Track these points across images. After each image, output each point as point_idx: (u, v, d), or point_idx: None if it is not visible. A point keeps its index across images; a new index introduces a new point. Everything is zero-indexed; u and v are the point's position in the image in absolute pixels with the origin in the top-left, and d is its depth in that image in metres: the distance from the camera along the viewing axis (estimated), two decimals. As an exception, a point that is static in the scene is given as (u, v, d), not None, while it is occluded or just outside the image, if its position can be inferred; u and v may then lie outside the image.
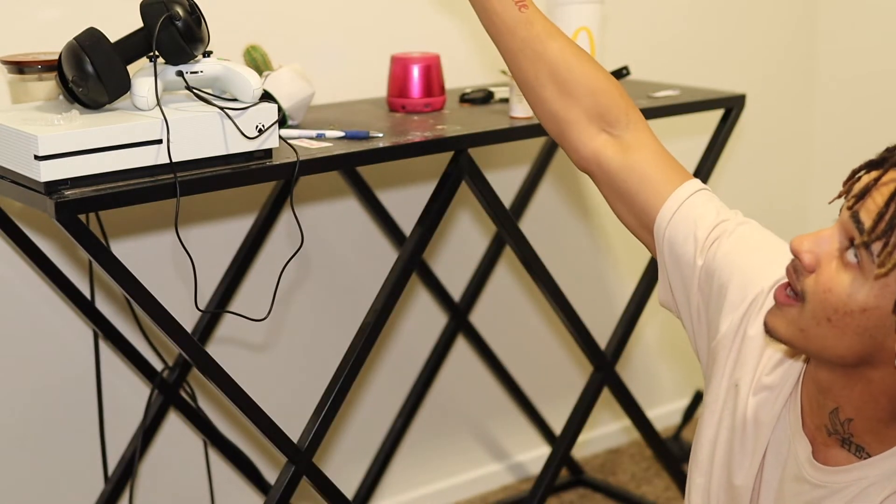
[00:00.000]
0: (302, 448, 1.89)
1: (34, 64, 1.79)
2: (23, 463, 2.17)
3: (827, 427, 1.31)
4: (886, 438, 1.27)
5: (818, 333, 1.23)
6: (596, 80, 1.53)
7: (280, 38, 2.21)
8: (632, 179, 1.49)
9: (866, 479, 1.27)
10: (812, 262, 1.23)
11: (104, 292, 2.16)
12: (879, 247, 1.18)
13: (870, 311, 1.20)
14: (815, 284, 1.23)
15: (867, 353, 1.22)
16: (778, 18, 3.12)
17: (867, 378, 1.25)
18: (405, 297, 2.55)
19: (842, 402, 1.28)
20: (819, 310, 1.22)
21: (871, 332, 1.21)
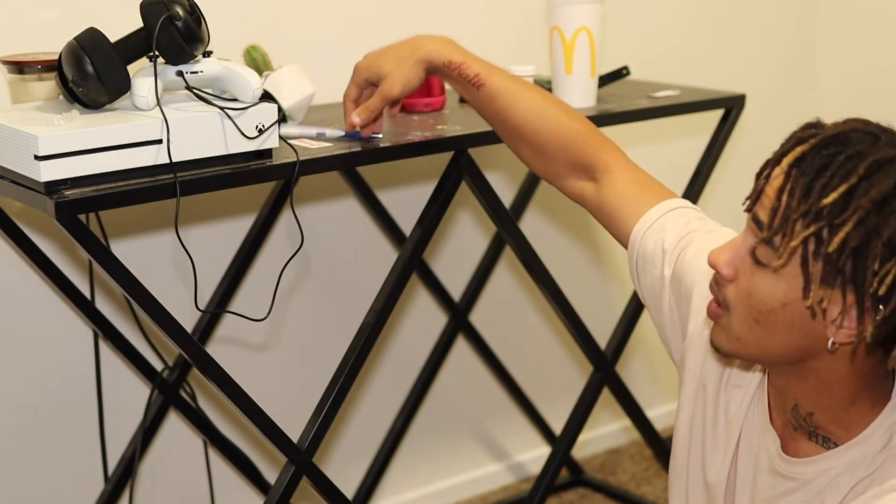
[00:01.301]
0: (302, 448, 1.89)
1: (34, 64, 1.79)
2: (23, 463, 2.17)
3: (791, 422, 1.33)
4: (850, 425, 1.29)
5: (753, 338, 1.27)
6: (562, 135, 1.65)
7: (280, 38, 2.21)
8: (613, 208, 1.61)
9: (834, 469, 1.29)
10: (731, 272, 1.27)
11: (104, 292, 2.16)
12: (779, 240, 1.22)
13: (790, 304, 1.23)
14: (735, 291, 1.27)
15: (805, 346, 1.25)
16: (778, 19, 3.12)
17: (815, 370, 1.27)
18: (405, 297, 2.55)
19: (799, 398, 1.31)
20: (745, 314, 1.26)
21: (798, 324, 1.24)
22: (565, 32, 2.12)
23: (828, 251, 1.19)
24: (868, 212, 1.18)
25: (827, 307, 1.21)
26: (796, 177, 1.22)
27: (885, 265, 1.18)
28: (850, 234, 1.18)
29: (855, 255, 1.18)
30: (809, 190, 1.20)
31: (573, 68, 2.13)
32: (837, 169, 1.20)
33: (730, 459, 1.41)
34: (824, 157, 1.21)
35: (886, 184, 1.19)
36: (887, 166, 1.20)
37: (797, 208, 1.21)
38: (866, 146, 1.21)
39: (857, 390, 1.28)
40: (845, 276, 1.19)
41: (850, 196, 1.18)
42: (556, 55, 2.15)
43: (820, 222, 1.19)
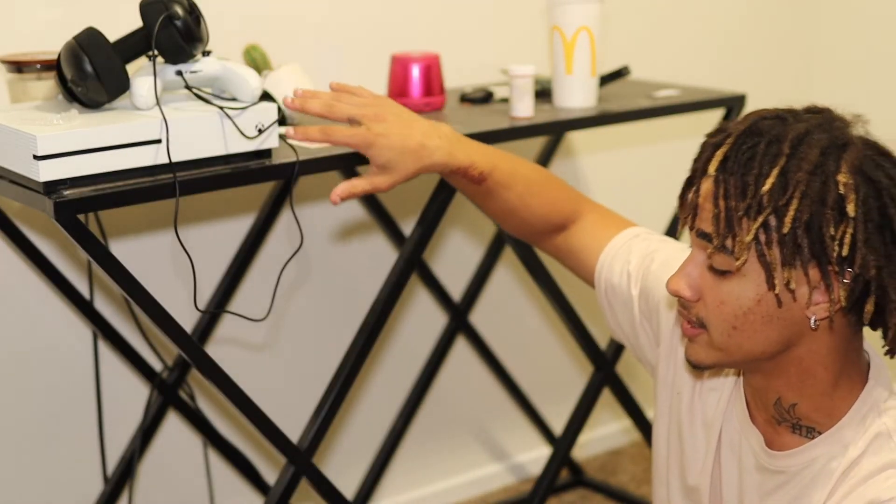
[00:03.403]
0: (302, 448, 1.88)
1: (33, 63, 1.79)
2: (22, 463, 2.16)
3: (775, 417, 1.34)
4: (833, 410, 1.30)
5: (735, 343, 1.28)
6: (552, 207, 1.65)
7: (280, 38, 2.21)
8: (580, 248, 1.64)
9: (821, 457, 1.30)
10: (693, 293, 1.29)
11: (103, 292, 2.16)
12: (731, 242, 1.23)
13: (762, 299, 1.24)
14: (706, 308, 1.28)
15: (785, 336, 1.26)
16: (778, 19, 3.11)
17: (796, 359, 1.28)
18: (405, 297, 2.55)
19: (781, 391, 1.31)
20: (723, 325, 1.27)
21: (775, 316, 1.25)
22: (566, 32, 2.12)
23: (782, 233, 1.21)
24: (807, 183, 1.20)
25: (796, 288, 1.23)
26: (726, 178, 1.24)
27: (840, 227, 1.20)
28: (798, 209, 1.20)
29: (809, 228, 1.21)
30: (745, 185, 1.22)
31: (573, 68, 2.13)
32: (763, 157, 1.23)
33: (711, 462, 1.42)
34: (746, 151, 1.24)
35: (814, 153, 1.22)
36: (807, 137, 1.24)
37: (738, 206, 1.23)
38: (780, 129, 1.25)
39: (839, 370, 1.29)
40: (805, 252, 1.21)
41: (784, 176, 1.21)
42: (557, 55, 2.15)
43: (765, 210, 1.21)
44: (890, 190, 1.24)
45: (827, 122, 1.29)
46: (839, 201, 1.20)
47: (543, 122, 2.08)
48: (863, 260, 1.21)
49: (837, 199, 1.20)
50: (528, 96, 2.07)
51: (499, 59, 2.44)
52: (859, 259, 1.21)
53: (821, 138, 1.24)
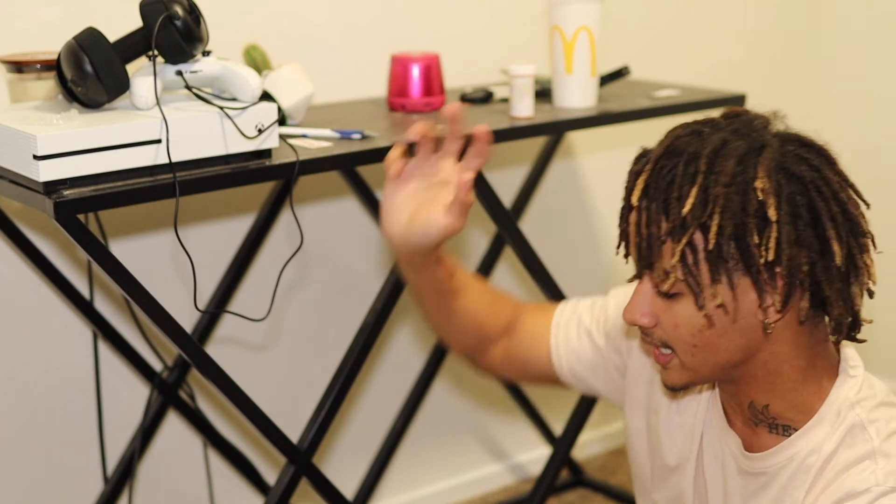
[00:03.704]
0: (302, 448, 1.88)
1: (33, 63, 1.79)
2: (22, 463, 2.16)
3: (751, 419, 1.35)
4: (805, 406, 1.31)
5: (700, 362, 1.29)
6: (498, 309, 1.62)
7: (280, 38, 2.21)
8: (530, 340, 1.62)
9: (799, 453, 1.31)
10: (650, 319, 1.30)
11: (103, 292, 2.16)
12: (661, 266, 1.25)
13: (711, 314, 1.25)
14: (664, 331, 1.29)
15: (745, 344, 1.28)
16: (778, 18, 3.11)
17: (762, 362, 1.29)
18: (405, 297, 2.55)
19: (753, 395, 1.33)
20: (685, 346, 1.28)
21: (730, 328, 1.26)
22: (566, 32, 2.12)
23: (709, 251, 1.22)
24: (727, 196, 1.21)
25: (740, 299, 1.24)
26: (649, 206, 1.25)
27: (764, 233, 1.21)
28: (721, 223, 1.21)
29: (735, 239, 1.21)
30: (667, 209, 1.24)
31: (573, 68, 2.13)
32: (682, 178, 1.23)
33: (692, 470, 1.43)
34: (666, 175, 1.25)
35: (729, 164, 1.22)
36: (722, 150, 1.24)
37: (660, 232, 1.24)
38: (696, 145, 1.25)
39: (805, 365, 1.30)
40: (734, 264, 1.22)
41: (704, 193, 1.22)
42: (557, 55, 2.15)
43: (688, 230, 1.22)
44: (816, 183, 1.25)
45: (745, 125, 1.29)
46: (760, 208, 1.21)
47: (543, 122, 2.08)
48: (790, 261, 1.22)
49: (758, 206, 1.21)
50: (528, 96, 2.07)
51: (499, 59, 2.44)
52: (785, 261, 1.21)
53: (738, 146, 1.24)
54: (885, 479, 1.22)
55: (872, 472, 1.23)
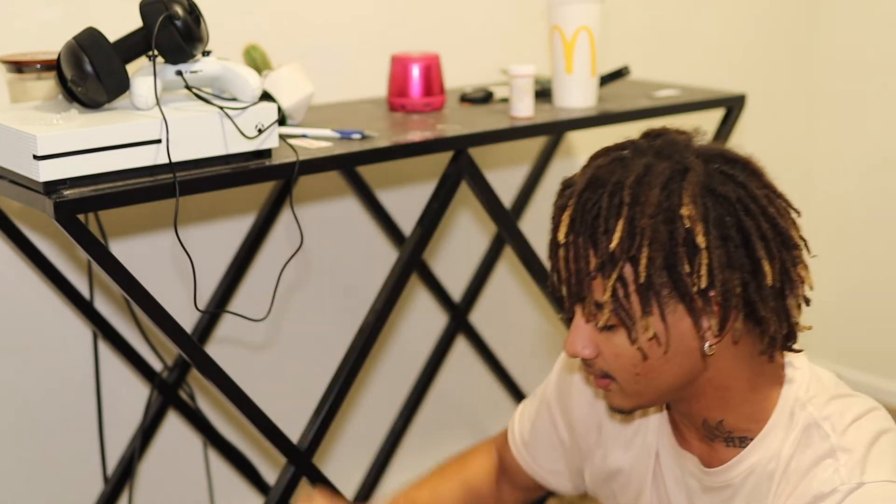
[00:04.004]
0: (302, 448, 1.88)
1: (33, 63, 1.79)
2: (22, 463, 2.16)
3: (707, 436, 1.35)
4: (757, 414, 1.31)
5: (643, 387, 1.29)
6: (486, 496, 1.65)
7: (280, 38, 2.21)
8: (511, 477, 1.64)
9: (761, 461, 1.31)
10: (591, 351, 1.29)
11: (103, 292, 2.16)
12: (592, 300, 1.25)
13: (646, 345, 1.25)
14: (605, 361, 1.29)
15: (689, 367, 1.27)
16: (778, 18, 3.11)
17: (708, 380, 1.29)
18: (405, 297, 2.55)
19: (705, 412, 1.33)
20: (627, 374, 1.28)
21: (669, 354, 1.26)
22: (566, 32, 2.12)
23: (640, 283, 1.21)
24: (654, 229, 1.20)
25: (682, 323, 1.24)
26: (575, 240, 1.24)
27: (694, 260, 1.20)
28: (650, 256, 1.20)
29: (666, 269, 1.21)
30: (595, 244, 1.23)
31: (573, 68, 2.13)
32: (607, 211, 1.22)
33: (653, 496, 1.43)
34: (591, 209, 1.24)
35: (654, 193, 1.21)
36: (645, 178, 1.22)
37: (589, 267, 1.23)
38: (619, 174, 1.24)
39: (751, 376, 1.30)
40: (667, 293, 1.22)
41: (631, 226, 1.21)
42: (557, 55, 2.15)
43: (617, 264, 1.21)
44: (743, 201, 1.24)
45: (667, 145, 1.27)
46: (688, 236, 1.20)
47: (543, 122, 2.08)
48: (723, 285, 1.21)
49: (686, 235, 1.20)
50: (528, 96, 2.07)
51: (499, 59, 2.44)
52: (719, 286, 1.21)
53: (661, 170, 1.23)
54: (849, 476, 1.23)
55: (835, 470, 1.23)
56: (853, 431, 1.27)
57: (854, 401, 1.32)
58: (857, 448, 1.25)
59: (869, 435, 1.26)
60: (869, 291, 3.22)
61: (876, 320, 3.22)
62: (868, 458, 1.24)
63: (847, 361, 3.20)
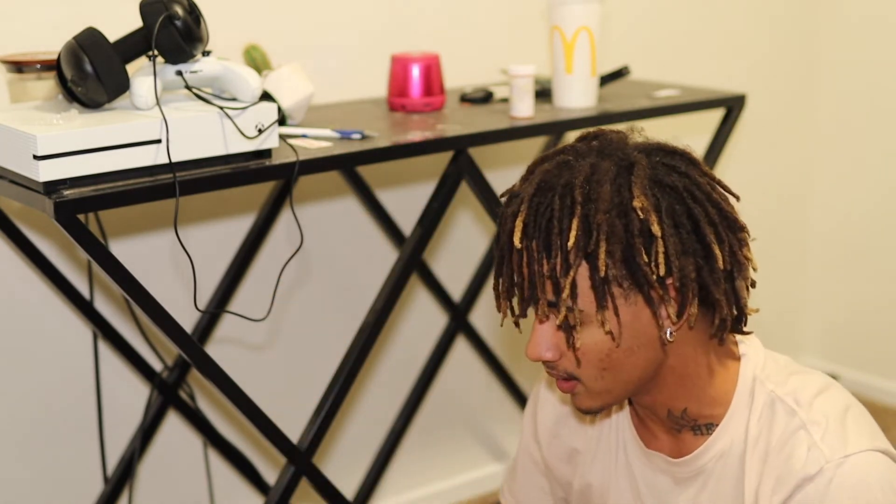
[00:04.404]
0: (302, 448, 1.88)
1: (33, 63, 1.79)
2: (22, 463, 2.16)
3: (673, 427, 1.37)
4: (720, 398, 1.33)
5: (611, 382, 1.30)
6: None
7: (280, 38, 2.21)
8: None
9: (732, 444, 1.32)
10: (554, 353, 1.31)
11: (103, 292, 2.16)
12: (555, 303, 1.26)
13: (612, 334, 1.26)
14: (570, 362, 1.30)
15: (652, 356, 1.29)
16: (778, 18, 3.11)
17: (669, 369, 1.31)
18: (405, 297, 2.55)
19: (668, 402, 1.34)
20: (593, 371, 1.29)
21: (633, 346, 1.27)
22: (566, 32, 2.12)
23: (600, 277, 1.23)
24: (609, 223, 1.22)
25: (642, 314, 1.26)
26: (528, 245, 1.25)
27: (651, 250, 1.23)
28: (608, 250, 1.22)
29: (624, 261, 1.23)
30: (549, 246, 1.24)
31: (574, 68, 2.13)
32: (560, 211, 1.24)
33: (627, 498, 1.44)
34: (543, 212, 1.25)
35: (605, 190, 1.23)
36: (594, 176, 1.25)
37: (543, 269, 1.25)
38: (566, 176, 1.26)
39: (709, 360, 1.32)
40: (626, 285, 1.24)
41: (586, 223, 1.23)
42: (557, 54, 2.15)
43: (575, 262, 1.23)
44: (689, 189, 1.26)
45: (606, 146, 1.30)
46: (643, 226, 1.23)
47: (543, 122, 2.08)
48: (681, 271, 1.24)
49: (641, 225, 1.22)
50: (528, 96, 2.07)
51: (499, 59, 2.44)
52: (676, 272, 1.23)
53: (607, 168, 1.25)
54: (831, 452, 1.25)
55: (813, 446, 1.25)
56: (819, 404, 1.29)
57: (812, 377, 1.34)
58: (828, 421, 1.27)
59: (836, 407, 1.29)
60: (869, 291, 3.22)
61: (876, 321, 3.22)
62: (845, 431, 1.27)
63: (847, 361, 3.21)
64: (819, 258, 3.30)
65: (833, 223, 3.24)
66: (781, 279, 3.22)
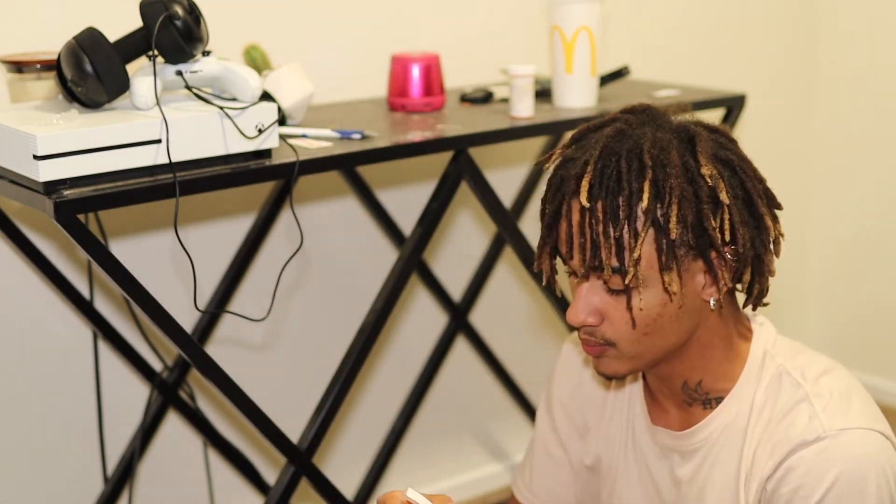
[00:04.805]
0: (302, 448, 1.88)
1: (33, 63, 1.79)
2: (22, 463, 2.16)
3: (685, 400, 1.40)
4: (733, 372, 1.37)
5: (647, 346, 1.32)
6: None
7: (280, 38, 2.21)
8: None
9: (734, 415, 1.36)
10: (596, 318, 1.32)
11: (103, 292, 2.16)
12: (619, 264, 1.28)
13: (665, 301, 1.29)
14: (612, 326, 1.31)
15: (691, 324, 1.32)
16: (778, 18, 3.11)
17: (696, 340, 1.34)
18: (405, 297, 2.55)
19: (686, 373, 1.37)
20: (634, 336, 1.31)
21: (680, 311, 1.30)
22: (566, 32, 2.12)
23: (671, 240, 1.26)
24: (680, 188, 1.25)
25: (689, 283, 1.29)
26: (593, 206, 1.27)
27: (717, 216, 1.27)
28: (680, 213, 1.25)
29: (693, 227, 1.26)
30: (616, 208, 1.25)
31: (574, 67, 2.13)
32: (628, 174, 1.26)
33: (633, 474, 1.46)
34: (610, 174, 1.27)
35: (673, 156, 1.27)
36: (660, 143, 1.28)
37: (610, 231, 1.26)
38: (630, 142, 1.29)
39: (729, 333, 1.37)
40: (693, 250, 1.27)
41: (657, 187, 1.25)
42: (557, 54, 2.15)
43: (647, 225, 1.25)
44: (741, 164, 1.31)
45: (656, 117, 1.34)
46: (711, 193, 1.27)
47: (543, 122, 2.08)
48: (742, 238, 1.28)
49: (710, 192, 1.26)
50: (528, 96, 2.07)
51: (499, 59, 2.44)
52: (740, 238, 1.28)
53: (669, 138, 1.29)
54: (830, 423, 1.28)
55: (814, 416, 1.29)
56: (825, 381, 1.33)
57: (819, 358, 1.39)
58: (832, 396, 1.31)
59: (841, 386, 1.33)
60: (869, 291, 3.22)
61: (876, 321, 3.22)
62: (848, 407, 1.30)
63: (847, 361, 3.20)
64: (819, 258, 3.30)
65: (833, 223, 3.24)
66: (781, 279, 3.21)
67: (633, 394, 1.47)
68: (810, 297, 3.33)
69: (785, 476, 1.28)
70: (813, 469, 1.26)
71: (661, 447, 1.42)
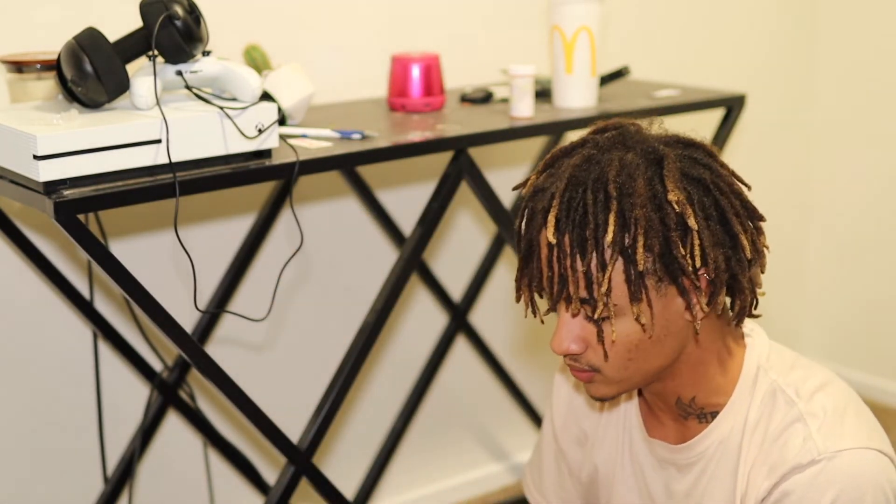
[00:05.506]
0: (302, 448, 1.88)
1: (33, 63, 1.79)
2: (22, 463, 2.16)
3: (680, 414, 1.39)
4: (727, 386, 1.36)
5: (632, 371, 1.32)
6: None
7: (280, 38, 2.21)
8: None
9: (732, 429, 1.34)
10: (580, 346, 1.32)
11: (103, 292, 2.16)
12: (589, 297, 1.26)
13: (644, 325, 1.27)
14: (596, 353, 1.31)
15: (676, 345, 1.31)
16: (778, 18, 3.11)
17: (685, 358, 1.33)
18: (405, 297, 2.55)
19: (679, 390, 1.36)
20: (618, 361, 1.30)
21: (662, 335, 1.29)
22: (566, 31, 2.12)
23: (638, 271, 1.24)
24: (647, 217, 1.23)
25: (674, 303, 1.27)
26: (560, 240, 1.26)
27: (687, 242, 1.25)
28: (646, 244, 1.23)
29: (661, 256, 1.24)
30: (583, 241, 1.24)
31: (574, 67, 2.13)
32: (594, 206, 1.25)
33: (632, 485, 1.46)
34: (575, 207, 1.25)
35: (639, 184, 1.24)
36: (625, 170, 1.25)
37: (578, 264, 1.25)
38: (596, 171, 1.26)
39: (721, 348, 1.35)
40: (661, 277, 1.25)
41: (623, 218, 1.24)
42: (557, 54, 2.15)
43: (613, 256, 1.24)
44: (715, 182, 1.28)
45: (627, 138, 1.30)
46: (679, 219, 1.24)
47: (543, 122, 2.08)
48: (714, 262, 1.26)
49: (677, 219, 1.24)
50: (528, 96, 2.07)
51: (499, 59, 2.44)
52: (711, 263, 1.26)
53: (636, 162, 1.26)
54: (824, 445, 1.26)
55: (808, 437, 1.27)
56: (819, 398, 1.31)
57: (814, 371, 1.37)
58: (826, 415, 1.29)
59: (836, 402, 1.31)
60: (869, 290, 3.22)
61: (876, 320, 3.22)
62: (842, 426, 1.28)
63: (847, 361, 3.21)
64: (819, 258, 3.30)
65: (833, 223, 3.24)
66: (781, 279, 3.21)
67: (630, 407, 1.47)
68: (809, 296, 3.33)
69: (781, 500, 1.27)
70: (808, 493, 1.25)
71: (658, 459, 1.42)
